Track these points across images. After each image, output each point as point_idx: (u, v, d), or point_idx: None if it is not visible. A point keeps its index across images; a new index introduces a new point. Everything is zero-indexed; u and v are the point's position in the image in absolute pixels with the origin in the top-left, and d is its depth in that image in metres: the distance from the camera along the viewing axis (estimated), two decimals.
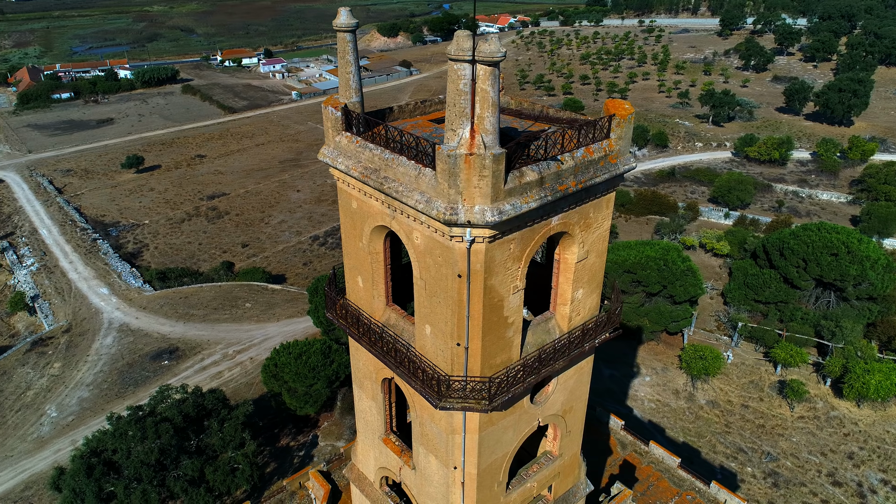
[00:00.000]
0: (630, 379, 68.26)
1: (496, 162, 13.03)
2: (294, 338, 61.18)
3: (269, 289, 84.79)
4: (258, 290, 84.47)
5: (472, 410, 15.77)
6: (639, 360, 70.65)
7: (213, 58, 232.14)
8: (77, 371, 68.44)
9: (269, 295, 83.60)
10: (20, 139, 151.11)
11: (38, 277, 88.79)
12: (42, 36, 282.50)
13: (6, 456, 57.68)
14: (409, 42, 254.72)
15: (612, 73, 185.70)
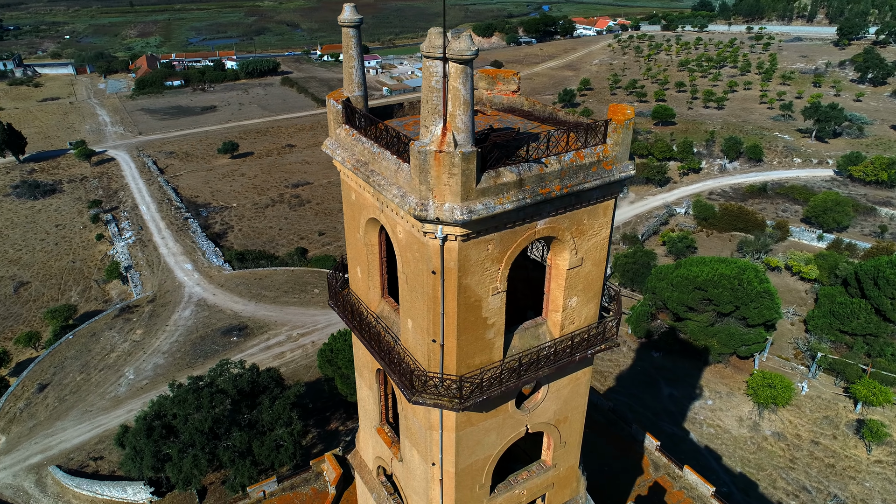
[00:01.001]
0: (691, 400, 65.28)
1: (466, 160, 12.98)
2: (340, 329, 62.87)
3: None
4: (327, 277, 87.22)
5: (444, 408, 15.77)
6: (702, 382, 67.43)
7: (312, 52, 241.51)
8: (156, 339, 73.48)
9: None
10: (133, 121, 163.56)
11: (133, 250, 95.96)
12: (163, 27, 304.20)
13: (86, 410, 62.84)
14: (503, 42, 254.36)
15: (711, 81, 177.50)
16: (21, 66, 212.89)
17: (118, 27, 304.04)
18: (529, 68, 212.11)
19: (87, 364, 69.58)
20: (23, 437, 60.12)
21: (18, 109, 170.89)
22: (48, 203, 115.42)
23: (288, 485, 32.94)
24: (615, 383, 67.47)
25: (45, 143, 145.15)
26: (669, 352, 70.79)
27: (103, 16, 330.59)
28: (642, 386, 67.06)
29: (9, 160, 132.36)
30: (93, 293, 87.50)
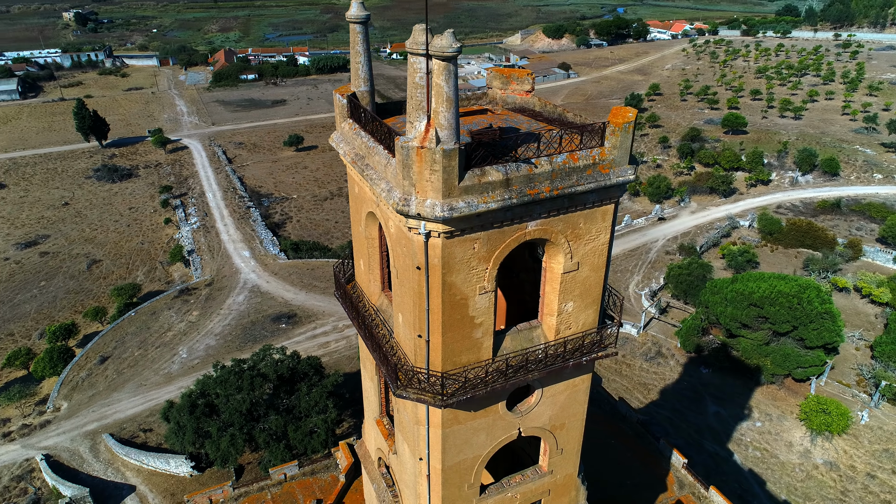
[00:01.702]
0: (738, 421, 62.63)
1: (447, 157, 12.99)
2: None
3: None
4: None
5: (427, 403, 15.83)
6: (752, 403, 64.58)
7: (382, 50, 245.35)
8: (210, 321, 76.63)
9: None
10: (208, 112, 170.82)
11: (197, 235, 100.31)
12: (243, 23, 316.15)
13: (140, 384, 66.23)
14: (572, 45, 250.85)
15: (790, 89, 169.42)
16: (111, 56, 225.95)
17: (202, 22, 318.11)
18: (598, 71, 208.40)
19: (145, 341, 73.31)
20: (82, 404, 63.95)
21: (105, 97, 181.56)
22: (124, 186, 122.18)
23: (308, 469, 33.73)
24: (658, 396, 65.52)
25: (126, 129, 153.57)
26: (719, 369, 68.13)
27: (189, 11, 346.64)
28: (687, 401, 64.86)
29: (93, 145, 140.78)
30: (157, 274, 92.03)
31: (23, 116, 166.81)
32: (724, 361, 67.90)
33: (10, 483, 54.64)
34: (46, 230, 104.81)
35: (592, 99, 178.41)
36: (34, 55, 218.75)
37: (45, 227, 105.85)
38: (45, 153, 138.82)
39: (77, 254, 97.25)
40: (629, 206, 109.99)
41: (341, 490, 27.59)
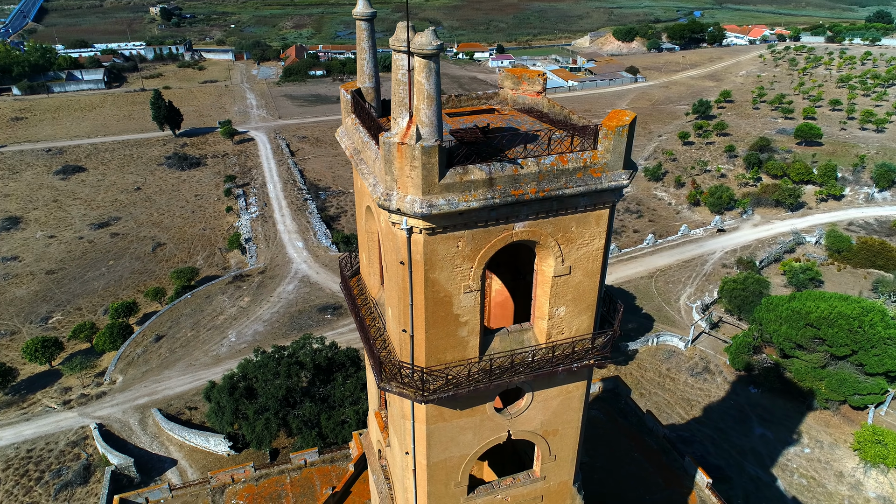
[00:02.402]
0: (785, 445, 59.85)
1: (427, 154, 13.06)
2: None
3: None
4: None
5: (408, 398, 15.94)
6: (802, 428, 61.56)
7: (448, 49, 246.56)
8: (259, 308, 79.22)
9: None
10: (276, 106, 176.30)
11: (255, 223, 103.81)
12: (316, 20, 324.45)
13: (190, 364, 69.18)
14: (643, 48, 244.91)
15: (875, 100, 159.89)
16: (190, 50, 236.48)
17: (277, 19, 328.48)
18: (667, 76, 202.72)
19: (198, 323, 76.51)
20: (136, 379, 67.38)
21: (182, 89, 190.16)
22: (192, 174, 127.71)
23: (328, 457, 34.46)
24: (701, 413, 63.34)
25: (198, 120, 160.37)
26: (769, 390, 65.25)
27: (266, 8, 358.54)
28: (732, 421, 62.42)
29: (166, 134, 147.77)
30: (215, 259, 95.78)
31: (106, 105, 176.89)
32: (775, 382, 64.99)
33: (66, 448, 58.16)
34: (119, 212, 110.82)
35: (659, 104, 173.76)
36: (121, 47, 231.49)
37: (117, 210, 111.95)
38: (123, 140, 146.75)
39: (144, 236, 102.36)
40: (688, 215, 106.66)
41: (349, 479, 28.07)
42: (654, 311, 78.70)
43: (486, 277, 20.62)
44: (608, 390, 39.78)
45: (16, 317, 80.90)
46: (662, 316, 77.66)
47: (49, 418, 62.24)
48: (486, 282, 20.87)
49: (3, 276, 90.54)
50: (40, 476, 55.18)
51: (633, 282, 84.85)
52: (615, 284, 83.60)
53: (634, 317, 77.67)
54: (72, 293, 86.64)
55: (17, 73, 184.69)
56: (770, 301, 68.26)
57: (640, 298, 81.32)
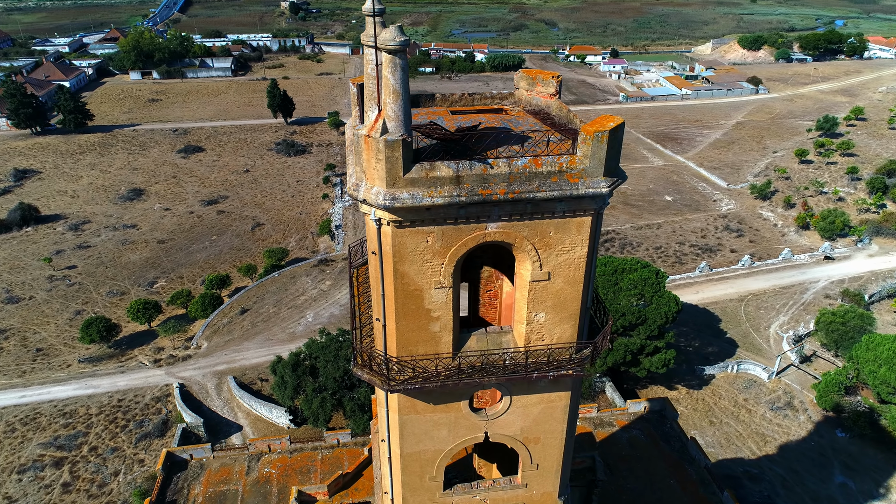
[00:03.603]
0: (870, 498, 54.72)
1: (391, 148, 13.31)
2: None
3: None
4: None
5: (375, 385, 16.28)
6: (893, 483, 55.81)
7: (560, 51, 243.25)
8: (338, 292, 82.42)
9: None
10: None
11: (347, 212, 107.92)
12: (433, 18, 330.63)
13: (268, 338, 73.31)
14: (770, 58, 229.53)
15: None
16: (311, 43, 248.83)
17: (397, 16, 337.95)
18: (793, 89, 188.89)
19: (281, 301, 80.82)
20: (219, 347, 72.31)
21: (299, 80, 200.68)
22: (297, 161, 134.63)
23: (360, 440, 35.55)
24: (776, 451, 58.97)
25: (309, 110, 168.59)
26: (859, 435, 59.69)
27: (387, 4, 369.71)
28: (809, 464, 57.65)
29: (279, 121, 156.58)
30: (306, 243, 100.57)
31: (230, 91, 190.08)
32: (867, 428, 59.36)
33: (150, 402, 63.55)
34: (227, 192, 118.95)
35: (779, 118, 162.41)
36: (249, 38, 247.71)
37: (226, 189, 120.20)
38: (240, 125, 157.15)
39: (246, 216, 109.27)
40: (794, 239, 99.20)
41: (362, 462, 28.89)
42: (739, 336, 74.05)
43: (497, 279, 20.57)
44: (654, 411, 38.12)
45: (127, 279, 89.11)
46: (748, 343, 72.90)
47: (140, 373, 68.25)
48: (498, 283, 20.82)
49: (122, 242, 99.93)
50: (126, 424, 60.68)
51: (720, 304, 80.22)
52: (699, 304, 79.49)
53: (716, 340, 73.49)
54: (177, 262, 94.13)
55: (157, 59, 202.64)
56: (872, 339, 62.42)
57: (725, 322, 76.78)
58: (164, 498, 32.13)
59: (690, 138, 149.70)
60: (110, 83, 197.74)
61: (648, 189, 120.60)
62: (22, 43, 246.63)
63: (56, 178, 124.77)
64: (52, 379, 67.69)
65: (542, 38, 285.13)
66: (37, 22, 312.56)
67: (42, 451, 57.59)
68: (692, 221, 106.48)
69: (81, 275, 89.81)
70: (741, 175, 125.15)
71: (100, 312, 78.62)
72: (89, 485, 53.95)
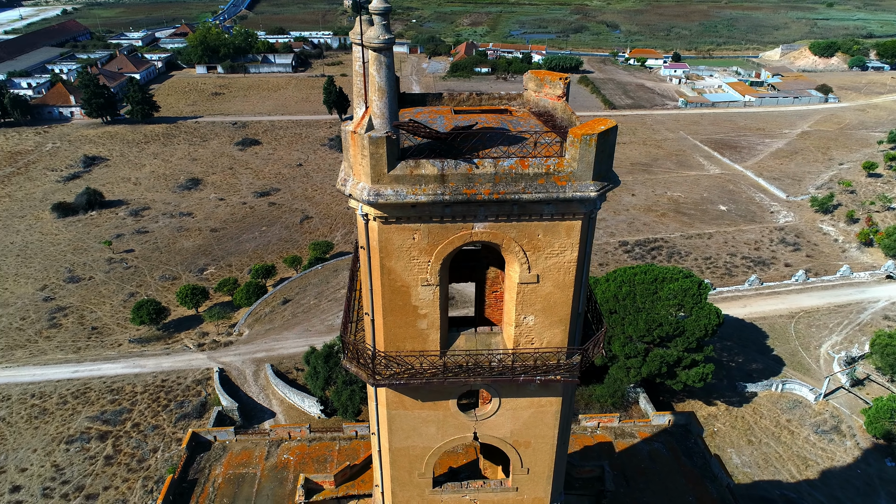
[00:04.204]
0: None
1: (375, 144, 13.46)
2: None
3: None
4: None
5: (361, 377, 16.50)
6: None
7: (620, 54, 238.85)
8: None
9: None
10: None
11: None
12: (493, 18, 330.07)
13: (307, 329, 74.95)
14: (843, 65, 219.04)
15: None
16: None
17: (456, 16, 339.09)
18: (866, 98, 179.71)
19: (322, 293, 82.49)
20: (259, 335, 74.40)
21: None
22: None
23: None
24: (818, 476, 56.42)
25: None
26: None
27: (449, 5, 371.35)
28: (854, 492, 54.94)
29: (333, 117, 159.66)
30: (351, 237, 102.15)
31: (290, 87, 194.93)
32: None
33: (192, 384, 65.97)
34: (279, 185, 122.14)
35: (848, 129, 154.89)
36: (311, 35, 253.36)
37: (278, 182, 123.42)
38: (296, 119, 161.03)
39: (296, 208, 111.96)
40: (855, 256, 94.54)
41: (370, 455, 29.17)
42: (786, 354, 71.15)
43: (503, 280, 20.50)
44: (679, 425, 37.10)
45: (179, 265, 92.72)
46: (795, 362, 69.97)
47: (184, 356, 70.94)
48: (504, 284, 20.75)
49: (177, 228, 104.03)
50: (167, 404, 63.20)
51: (769, 319, 77.25)
52: (746, 319, 76.77)
53: (761, 357, 70.84)
54: (227, 251, 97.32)
55: (222, 54, 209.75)
56: None
57: (772, 338, 73.90)
58: (187, 476, 33.35)
59: (751, 147, 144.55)
60: (177, 76, 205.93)
61: (702, 198, 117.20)
62: (99, 36, 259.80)
63: (121, 166, 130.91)
64: (104, 357, 71.13)
65: (602, 40, 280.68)
66: (114, 17, 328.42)
67: (89, 425, 60.59)
68: (746, 233, 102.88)
69: (138, 258, 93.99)
70: (802, 187, 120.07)
71: (152, 296, 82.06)
72: (129, 459, 56.46)
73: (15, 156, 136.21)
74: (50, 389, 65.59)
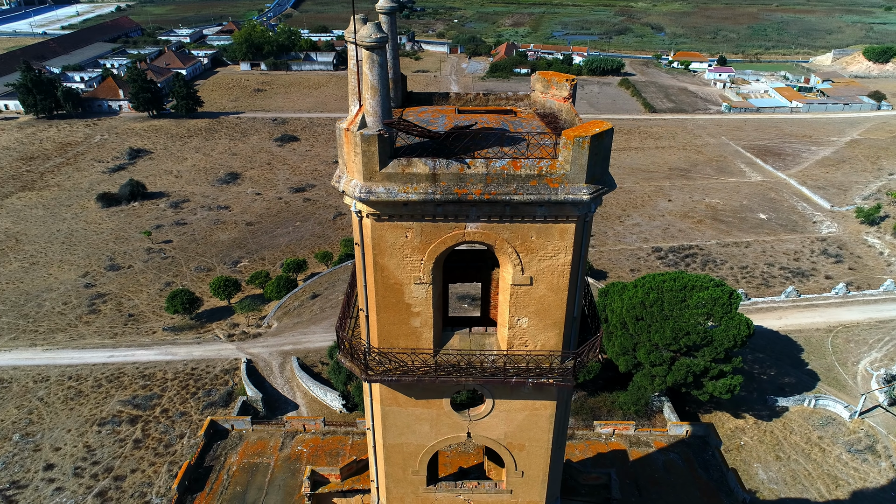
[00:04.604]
0: None
1: (367, 142, 13.58)
2: None
3: None
4: None
5: (354, 372, 16.67)
6: None
7: (664, 57, 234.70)
8: None
9: None
10: None
11: None
12: (535, 19, 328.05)
13: (333, 325, 75.57)
14: None
15: None
16: (412, 41, 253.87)
17: (499, 16, 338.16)
18: None
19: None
20: (287, 328, 75.64)
21: None
22: None
23: None
24: (848, 497, 54.57)
25: None
26: None
27: (491, 5, 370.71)
28: None
29: None
30: None
31: (330, 85, 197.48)
32: None
33: (220, 373, 67.50)
34: (314, 181, 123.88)
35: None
36: None
37: (314, 178, 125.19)
38: (335, 117, 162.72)
39: (329, 205, 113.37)
40: None
41: None
42: (821, 369, 68.94)
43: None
44: (697, 437, 36.33)
45: (214, 257, 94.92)
46: (830, 377, 67.73)
47: (214, 346, 72.63)
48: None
49: (214, 221, 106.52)
50: (195, 391, 64.81)
51: (804, 332, 74.95)
52: (781, 331, 74.64)
53: (795, 371, 68.79)
54: (261, 244, 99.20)
55: (266, 51, 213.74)
56: None
57: (807, 352, 71.67)
58: (203, 462, 34.16)
59: (795, 154, 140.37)
60: (222, 72, 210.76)
61: (741, 205, 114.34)
62: (150, 33, 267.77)
63: (164, 159, 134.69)
64: (138, 343, 73.36)
65: (646, 42, 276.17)
66: (165, 14, 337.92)
67: (121, 408, 62.59)
68: (786, 242, 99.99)
69: (175, 249, 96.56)
70: (848, 197, 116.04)
71: (186, 286, 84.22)
72: (157, 444, 58.10)
73: (65, 147, 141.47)
74: (86, 372, 67.95)
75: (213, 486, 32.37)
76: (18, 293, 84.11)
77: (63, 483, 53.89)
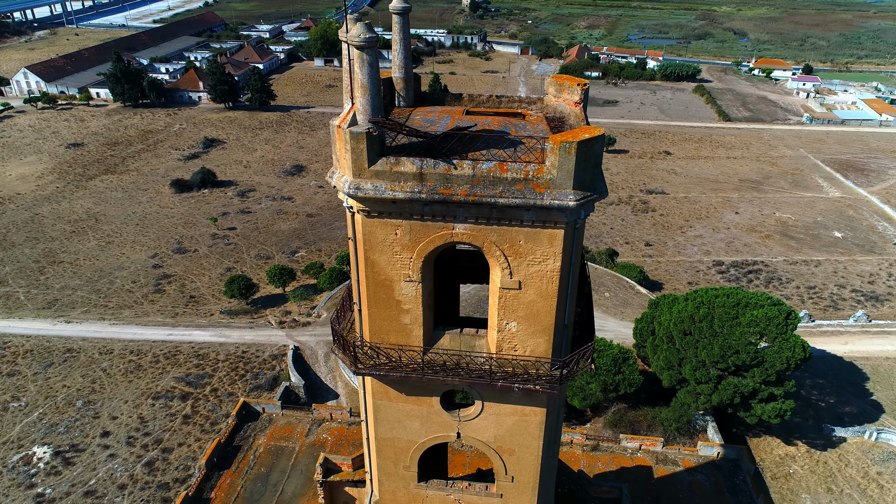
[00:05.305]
0: None
1: (356, 140, 13.82)
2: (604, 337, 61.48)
3: (636, 289, 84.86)
4: (625, 285, 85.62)
5: (347, 365, 16.99)
6: None
7: (744, 64, 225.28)
8: None
9: (631, 294, 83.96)
10: None
11: None
12: (612, 22, 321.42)
13: None
14: None
15: None
16: (483, 41, 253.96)
17: (574, 18, 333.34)
18: None
19: None
20: None
21: (465, 76, 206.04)
22: None
23: None
24: None
25: None
26: None
27: (566, 6, 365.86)
28: None
29: None
30: None
31: None
32: None
33: (268, 358, 69.86)
34: None
35: None
36: (426, 33, 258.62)
37: None
38: None
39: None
40: None
41: None
42: (887, 401, 64.75)
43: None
44: (729, 459, 34.86)
45: (274, 245, 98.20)
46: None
47: (265, 332, 75.20)
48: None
49: (277, 211, 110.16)
50: (244, 374, 67.33)
51: (872, 360, 70.54)
52: (845, 357, 70.51)
53: (857, 400, 64.87)
54: (318, 236, 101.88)
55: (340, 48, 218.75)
56: None
57: (873, 381, 67.41)
58: (232, 441, 35.51)
59: (881, 171, 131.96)
60: (297, 68, 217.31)
61: (815, 221, 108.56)
62: (233, 28, 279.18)
63: (235, 149, 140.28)
64: (196, 324, 76.83)
65: (726, 48, 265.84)
66: (248, 10, 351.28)
67: (175, 384, 65.75)
68: (861, 264, 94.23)
69: (238, 236, 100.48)
70: None
71: (245, 272, 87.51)
72: (204, 421, 60.68)
73: (147, 134, 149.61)
74: (146, 348, 71.76)
75: (239, 465, 33.61)
76: (94, 270, 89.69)
77: (116, 450, 57.14)
